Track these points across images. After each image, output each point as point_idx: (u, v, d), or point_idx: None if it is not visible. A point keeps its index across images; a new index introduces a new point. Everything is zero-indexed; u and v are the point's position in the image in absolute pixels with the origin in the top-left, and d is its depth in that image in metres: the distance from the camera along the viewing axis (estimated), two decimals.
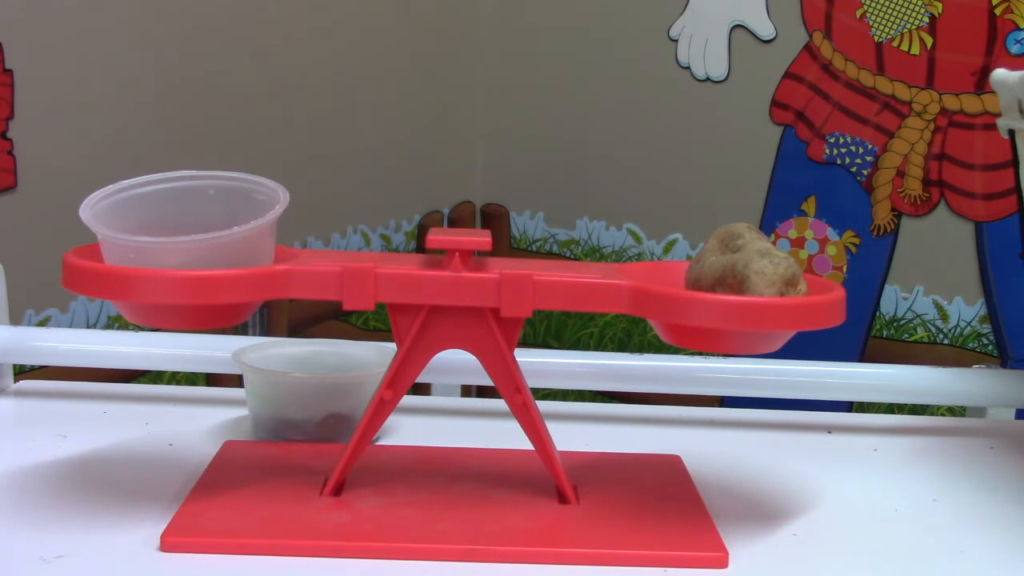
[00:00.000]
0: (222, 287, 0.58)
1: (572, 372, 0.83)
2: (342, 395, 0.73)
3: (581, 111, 1.51)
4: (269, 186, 0.63)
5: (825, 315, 0.58)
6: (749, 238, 0.61)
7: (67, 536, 0.58)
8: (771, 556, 0.60)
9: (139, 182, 0.62)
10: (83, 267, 0.59)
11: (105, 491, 0.64)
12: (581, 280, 0.60)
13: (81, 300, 1.05)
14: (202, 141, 1.18)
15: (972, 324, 1.27)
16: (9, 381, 0.83)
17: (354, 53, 1.38)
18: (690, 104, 1.42)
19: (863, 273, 1.31)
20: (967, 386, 0.83)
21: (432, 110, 1.53)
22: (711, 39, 1.39)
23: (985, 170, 1.24)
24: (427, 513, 0.61)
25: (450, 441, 0.73)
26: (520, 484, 0.65)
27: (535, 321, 1.57)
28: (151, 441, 0.73)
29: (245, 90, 1.23)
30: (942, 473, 0.74)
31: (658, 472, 0.69)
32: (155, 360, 0.83)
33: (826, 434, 0.81)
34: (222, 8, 1.19)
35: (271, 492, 0.63)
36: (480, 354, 0.62)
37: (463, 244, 0.60)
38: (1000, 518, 0.67)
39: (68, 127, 1.03)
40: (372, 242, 1.45)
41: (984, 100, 1.22)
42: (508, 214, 1.59)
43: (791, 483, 0.71)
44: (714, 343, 0.60)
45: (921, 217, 1.28)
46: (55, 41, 1.01)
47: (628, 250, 1.49)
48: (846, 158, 1.30)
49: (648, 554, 0.58)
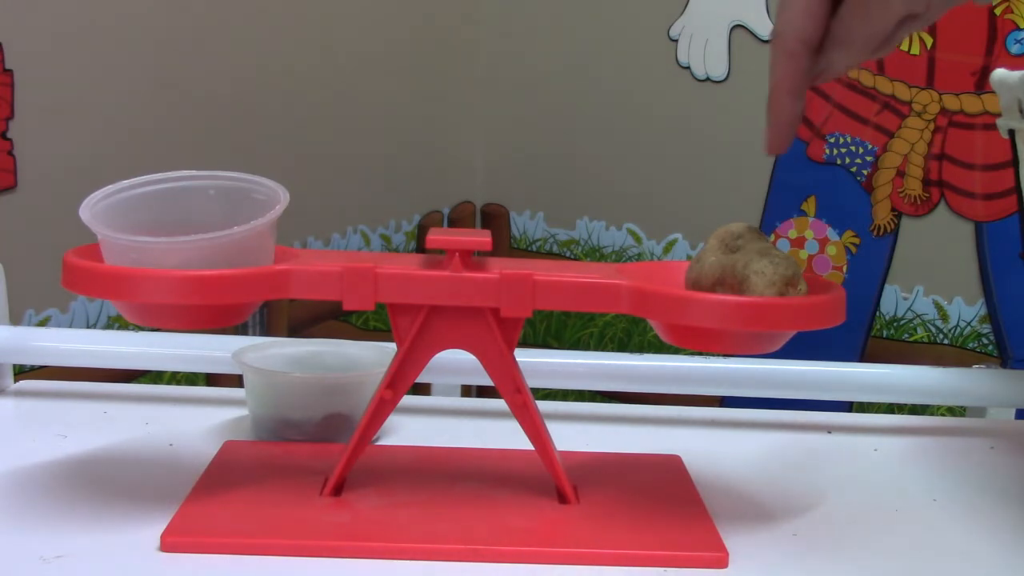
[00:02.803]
0: (222, 287, 0.58)
1: (572, 372, 0.83)
2: (342, 395, 0.73)
3: (581, 111, 1.51)
4: (269, 186, 0.63)
5: (825, 315, 0.58)
6: (749, 238, 0.61)
7: (67, 536, 0.58)
8: (771, 556, 0.60)
9: (139, 182, 0.62)
10: (83, 267, 0.59)
11: (105, 491, 0.64)
12: (581, 280, 0.60)
13: (81, 300, 1.05)
14: (202, 141, 1.18)
15: (972, 324, 1.27)
16: (9, 381, 0.83)
17: (354, 53, 1.38)
18: (690, 104, 1.42)
19: (863, 273, 1.31)
20: (967, 386, 0.83)
21: (432, 110, 1.53)
22: (711, 39, 1.39)
23: (985, 170, 1.24)
24: (427, 513, 0.61)
25: (450, 441, 0.73)
26: (520, 484, 0.65)
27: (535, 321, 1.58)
28: (151, 441, 0.73)
29: (245, 90, 1.23)
30: (942, 473, 0.74)
31: (658, 472, 0.69)
32: (155, 360, 0.83)
33: (826, 434, 0.81)
34: (222, 8, 1.19)
35: (271, 492, 0.63)
36: (480, 354, 0.62)
37: (463, 244, 0.60)
38: (1000, 518, 0.67)
39: (68, 127, 1.03)
40: (372, 242, 1.45)
41: (984, 100, 1.22)
42: (508, 214, 1.59)
43: (791, 483, 0.70)
44: (714, 343, 0.60)
45: (921, 217, 1.28)
46: (55, 41, 1.01)
47: (628, 250, 1.49)
48: (846, 158, 1.30)
49: (648, 554, 0.58)
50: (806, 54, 0.57)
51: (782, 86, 0.57)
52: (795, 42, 0.56)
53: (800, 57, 0.57)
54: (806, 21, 0.56)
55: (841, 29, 0.57)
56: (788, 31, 0.57)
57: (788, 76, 0.57)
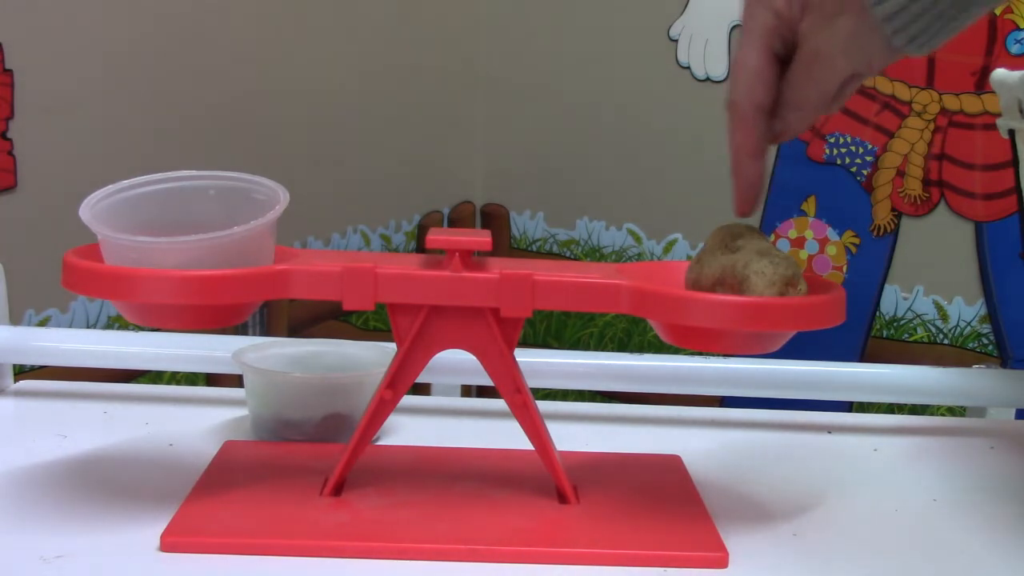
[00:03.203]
0: (222, 287, 0.58)
1: (572, 372, 0.83)
2: (342, 395, 0.73)
3: (581, 111, 1.51)
4: (269, 186, 0.63)
5: (825, 315, 0.58)
6: (749, 238, 0.61)
7: (67, 536, 0.58)
8: (771, 556, 0.60)
9: (139, 182, 0.62)
10: (83, 267, 0.59)
11: (105, 491, 0.64)
12: (581, 280, 0.60)
13: (81, 300, 1.05)
14: (202, 141, 1.18)
15: (972, 324, 1.27)
16: (9, 381, 0.83)
17: (354, 53, 1.38)
18: (690, 104, 1.42)
19: (863, 273, 1.31)
20: (967, 386, 0.83)
21: (432, 110, 1.53)
22: (711, 39, 1.39)
23: (985, 170, 1.24)
24: (427, 513, 0.61)
25: (450, 441, 0.73)
26: (520, 484, 0.65)
27: (535, 321, 1.57)
28: (151, 441, 0.73)
29: (246, 90, 1.23)
30: (942, 473, 0.74)
31: (658, 472, 0.69)
32: (155, 360, 0.83)
33: (826, 434, 0.81)
34: (222, 8, 1.19)
35: (271, 492, 0.63)
36: (480, 354, 0.62)
37: (463, 244, 0.60)
38: (1000, 518, 0.67)
39: (68, 127, 1.03)
40: (372, 242, 1.45)
41: (984, 100, 1.22)
42: (508, 214, 1.59)
43: (791, 483, 0.70)
44: (714, 343, 0.60)
45: (921, 217, 1.28)
46: (55, 41, 1.01)
47: (628, 250, 1.50)
48: (846, 158, 1.30)
49: (648, 554, 0.58)
50: (761, 118, 0.59)
51: (742, 150, 0.60)
52: (749, 108, 0.59)
53: (755, 121, 0.59)
54: (757, 87, 0.59)
55: (791, 92, 0.59)
56: (741, 98, 0.59)
57: (746, 141, 0.60)
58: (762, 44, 0.58)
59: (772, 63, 0.58)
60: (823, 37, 0.56)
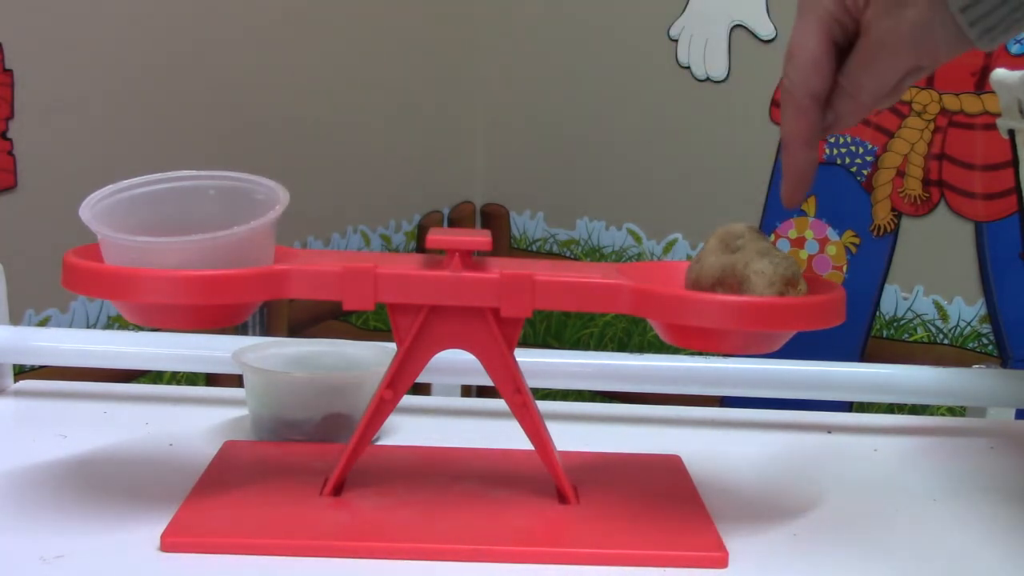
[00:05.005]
0: (222, 287, 0.58)
1: (572, 372, 0.83)
2: (342, 395, 0.73)
3: (581, 111, 1.51)
4: (269, 186, 0.63)
5: (825, 315, 0.58)
6: (749, 238, 0.61)
7: (67, 536, 0.58)
8: (771, 556, 0.60)
9: (139, 182, 0.62)
10: (83, 267, 0.59)
11: (105, 491, 0.64)
12: (581, 280, 0.60)
13: (81, 300, 1.05)
14: (202, 141, 1.18)
15: (972, 324, 1.27)
16: (9, 381, 0.83)
17: (355, 53, 1.38)
18: (690, 104, 1.42)
19: (863, 273, 1.32)
20: (967, 386, 0.83)
21: (432, 110, 1.53)
22: (711, 39, 1.39)
23: (985, 170, 1.24)
24: (427, 513, 0.61)
25: (450, 441, 0.73)
26: (520, 484, 0.65)
27: (535, 321, 1.58)
28: (151, 441, 0.73)
29: (246, 90, 1.23)
30: (942, 473, 0.74)
31: (658, 472, 0.69)
32: (155, 360, 0.83)
33: (826, 434, 0.81)
34: (222, 8, 1.19)
35: (271, 492, 0.63)
36: (480, 354, 0.62)
37: (463, 244, 0.60)
38: (1000, 518, 0.67)
39: (68, 127, 1.03)
40: (372, 242, 1.45)
41: (984, 100, 1.22)
42: (508, 214, 1.59)
43: (791, 483, 0.70)
44: (714, 343, 0.60)
45: (921, 217, 1.28)
46: (55, 41, 1.01)
47: (628, 250, 1.50)
48: (846, 158, 1.30)
49: (648, 554, 0.58)
50: (816, 108, 0.58)
51: (795, 139, 0.58)
52: (804, 97, 0.57)
53: (810, 111, 0.57)
54: (814, 76, 0.57)
55: (849, 82, 0.57)
56: (797, 86, 0.57)
57: (800, 130, 0.58)
58: (821, 30, 0.56)
59: (831, 51, 0.57)
60: (888, 27, 0.54)
